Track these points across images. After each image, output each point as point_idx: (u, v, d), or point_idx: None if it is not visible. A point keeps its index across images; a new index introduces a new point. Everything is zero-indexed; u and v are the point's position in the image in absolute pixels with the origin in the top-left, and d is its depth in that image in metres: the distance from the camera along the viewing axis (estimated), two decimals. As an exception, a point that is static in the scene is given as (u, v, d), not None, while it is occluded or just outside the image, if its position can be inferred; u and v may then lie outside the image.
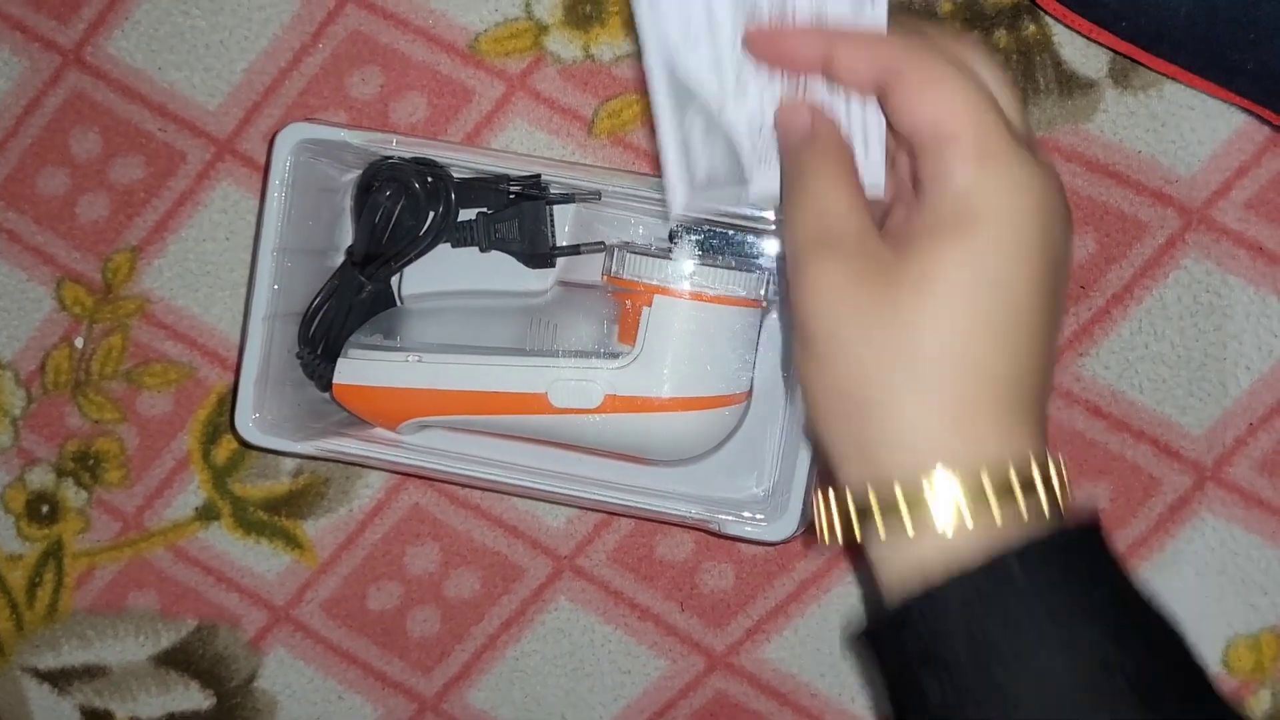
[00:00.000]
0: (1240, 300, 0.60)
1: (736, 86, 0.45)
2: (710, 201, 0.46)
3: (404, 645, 0.67)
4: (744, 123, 0.45)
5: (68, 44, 0.66)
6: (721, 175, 0.46)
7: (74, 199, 0.67)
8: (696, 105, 0.45)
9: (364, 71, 0.64)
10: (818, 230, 0.42)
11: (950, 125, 0.40)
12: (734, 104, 0.45)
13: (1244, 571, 0.61)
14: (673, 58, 0.44)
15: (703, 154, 0.45)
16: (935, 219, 0.40)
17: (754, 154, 0.46)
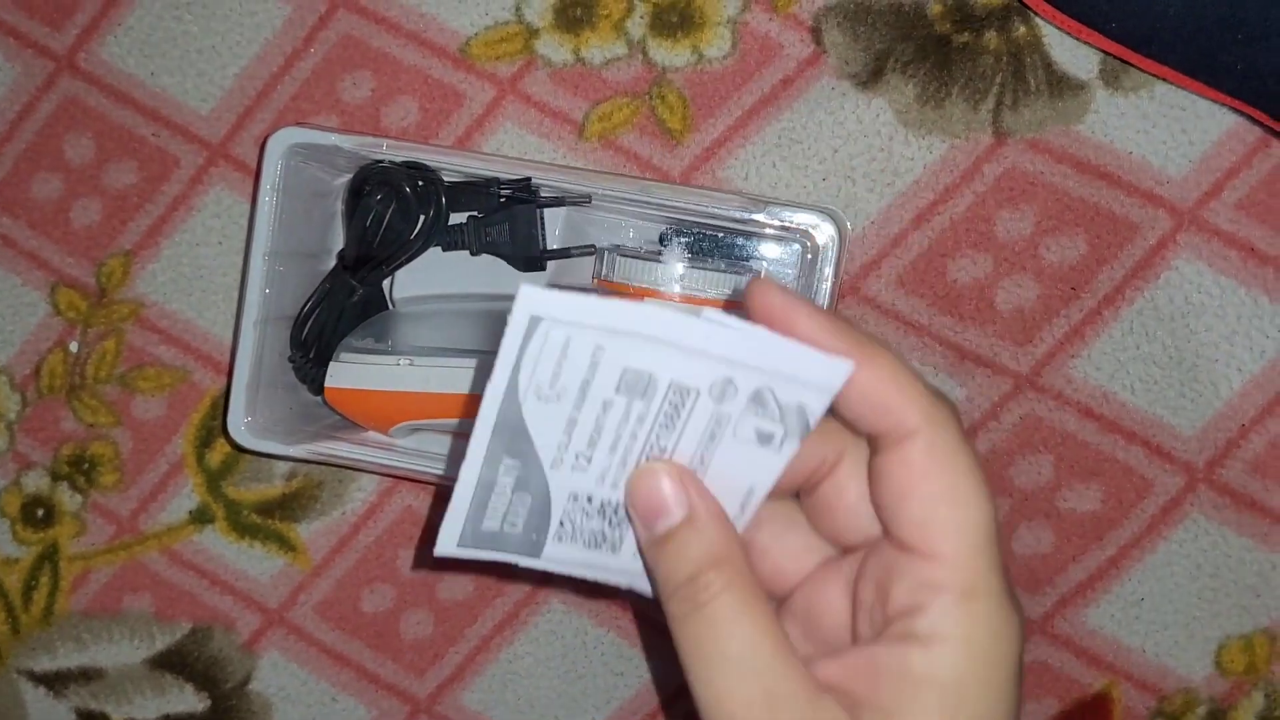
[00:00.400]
0: (1232, 301, 0.60)
1: (581, 454, 0.37)
2: (483, 553, 0.38)
3: (397, 647, 0.67)
4: (567, 490, 0.37)
5: (61, 50, 0.66)
6: (513, 537, 0.38)
7: (68, 204, 0.67)
8: (523, 453, 0.37)
9: (355, 76, 0.64)
10: (754, 697, 0.34)
11: (939, 543, 0.34)
12: (570, 468, 0.37)
13: (1236, 573, 0.61)
14: (523, 399, 0.35)
15: (501, 505, 0.37)
16: (904, 679, 0.34)
17: (564, 528, 0.38)
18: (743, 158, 0.62)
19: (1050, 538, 0.62)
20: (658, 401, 0.36)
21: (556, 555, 0.38)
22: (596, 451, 0.36)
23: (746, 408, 0.36)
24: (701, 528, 0.35)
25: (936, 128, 0.61)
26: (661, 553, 0.36)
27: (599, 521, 0.38)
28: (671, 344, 0.35)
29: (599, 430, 0.36)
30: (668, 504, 0.36)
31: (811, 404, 0.36)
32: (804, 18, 0.61)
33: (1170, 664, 0.62)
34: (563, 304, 0.34)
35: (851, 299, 0.62)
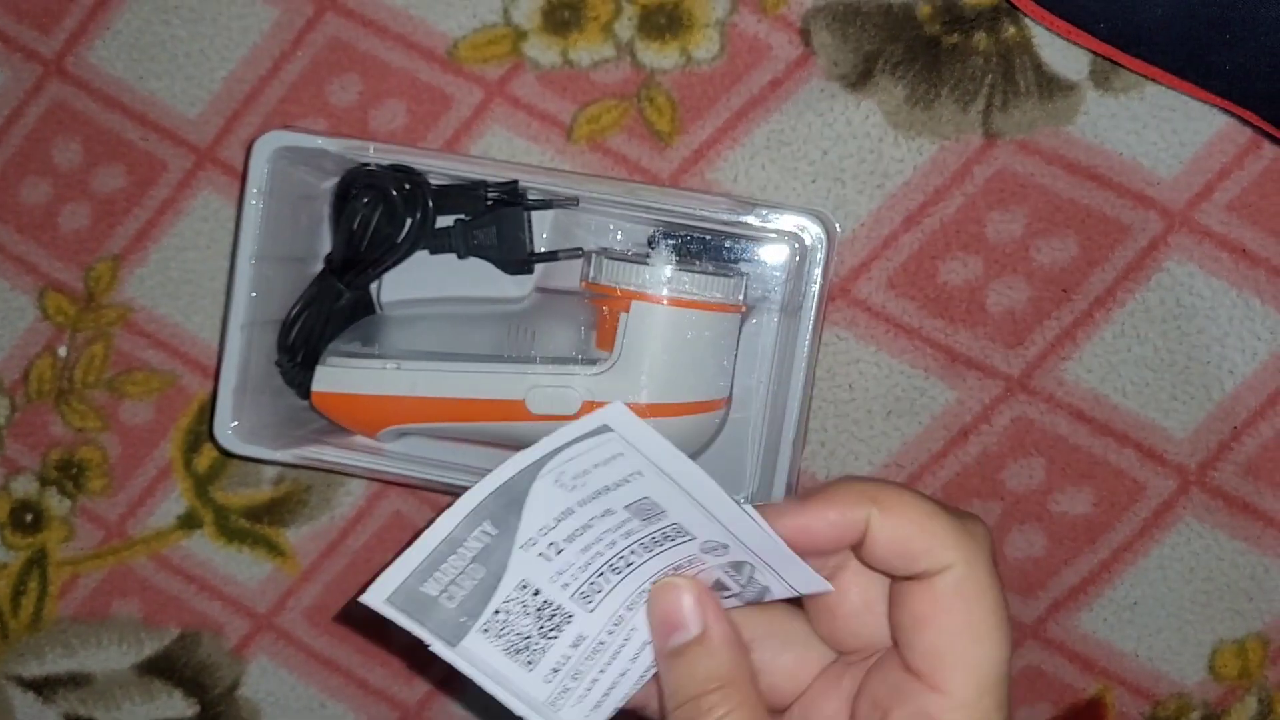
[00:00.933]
0: (1223, 303, 0.59)
1: (556, 544, 0.37)
2: (404, 620, 0.36)
3: (386, 653, 0.67)
4: (522, 575, 0.37)
5: (49, 54, 0.66)
6: (443, 611, 0.37)
7: (56, 209, 0.67)
8: (505, 524, 0.36)
9: (343, 79, 0.64)
10: None
11: (949, 678, 0.35)
12: (537, 553, 0.37)
13: (1229, 577, 0.61)
14: (541, 476, 0.35)
15: (452, 570, 0.36)
16: None
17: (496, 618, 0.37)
18: (732, 160, 0.61)
19: (1042, 541, 0.62)
20: (654, 527, 0.36)
21: (474, 650, 0.37)
22: (571, 546, 0.36)
23: (723, 565, 0.37)
24: (713, 649, 0.36)
25: (926, 129, 0.60)
26: (672, 666, 0.36)
27: (532, 623, 0.37)
28: (702, 505, 0.35)
29: (585, 529, 0.36)
30: (685, 620, 0.36)
31: (774, 591, 0.37)
32: (793, 19, 0.60)
33: (1164, 668, 0.62)
34: (638, 433, 0.34)
35: (841, 301, 0.61)
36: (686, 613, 0.37)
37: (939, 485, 0.62)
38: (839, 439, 0.62)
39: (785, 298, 0.59)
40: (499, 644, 0.37)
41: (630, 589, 0.38)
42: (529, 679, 0.37)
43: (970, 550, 0.35)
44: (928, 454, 0.62)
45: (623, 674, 0.39)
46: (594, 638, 0.38)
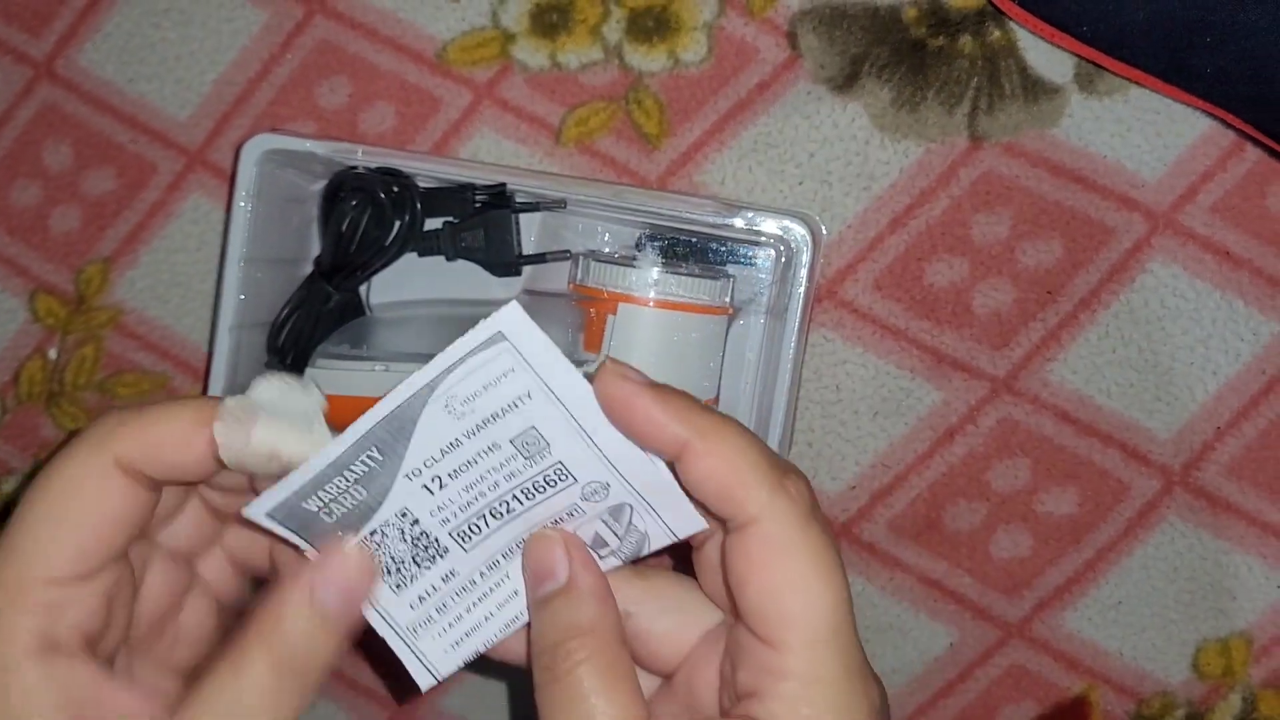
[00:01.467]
0: (1207, 305, 0.60)
1: (440, 477, 0.37)
2: (283, 531, 0.38)
3: (374, 651, 0.67)
4: (402, 503, 0.37)
5: (39, 56, 0.66)
6: (321, 526, 0.37)
7: (47, 211, 0.67)
8: (392, 451, 0.37)
9: (332, 81, 0.64)
10: None
11: (779, 631, 0.35)
12: (421, 485, 0.37)
13: (1213, 576, 0.61)
14: (432, 401, 0.36)
15: (334, 490, 0.37)
16: None
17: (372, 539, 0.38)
18: (719, 162, 0.62)
19: (1028, 541, 0.62)
20: (536, 469, 0.37)
21: None
22: (455, 483, 0.37)
23: (602, 513, 0.37)
24: (577, 598, 0.36)
25: (912, 132, 0.61)
26: (539, 615, 0.37)
27: (406, 549, 0.38)
28: (585, 432, 0.36)
29: (471, 464, 0.37)
30: (555, 569, 0.37)
31: (653, 539, 0.37)
32: (779, 22, 0.61)
33: (1148, 667, 0.62)
34: (531, 338, 0.35)
35: (828, 303, 0.62)
36: (557, 561, 0.37)
37: (925, 486, 0.62)
38: (826, 439, 0.63)
39: (772, 300, 0.59)
40: None
41: (507, 537, 0.38)
42: (394, 601, 0.38)
43: (780, 504, 0.35)
44: (914, 454, 0.62)
45: (487, 618, 0.39)
46: (465, 575, 0.38)
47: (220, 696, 0.36)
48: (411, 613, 0.39)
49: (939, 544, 0.62)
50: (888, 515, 0.63)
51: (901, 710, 0.64)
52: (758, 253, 0.60)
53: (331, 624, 0.37)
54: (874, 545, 0.63)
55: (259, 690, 0.35)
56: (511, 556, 0.38)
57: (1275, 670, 0.61)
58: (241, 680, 0.35)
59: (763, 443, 0.36)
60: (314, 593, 0.36)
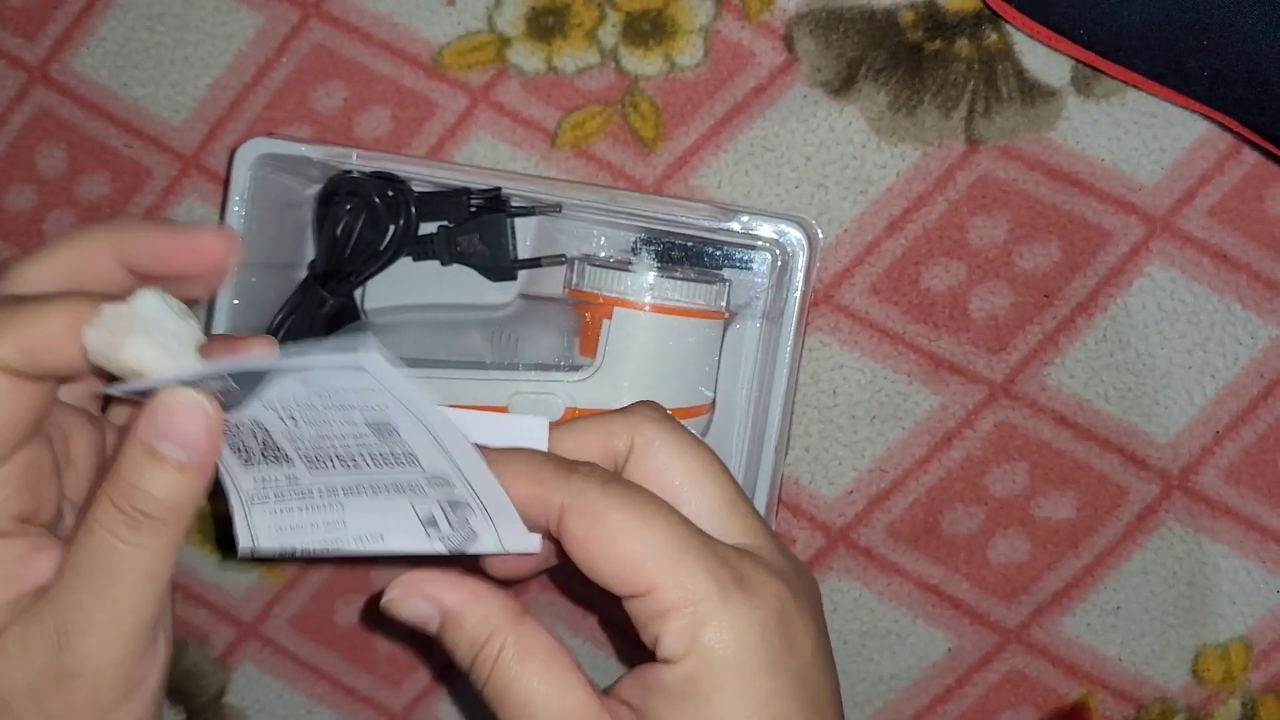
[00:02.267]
0: (1205, 308, 0.60)
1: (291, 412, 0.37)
2: None
3: (372, 659, 0.67)
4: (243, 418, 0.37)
5: (34, 61, 0.66)
6: None
7: (41, 215, 0.67)
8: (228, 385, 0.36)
9: (328, 86, 0.64)
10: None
11: (639, 579, 0.37)
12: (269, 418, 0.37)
13: (1212, 581, 0.61)
14: None
15: None
16: (659, 694, 0.38)
17: None
18: (715, 166, 0.62)
19: (1026, 546, 0.62)
20: (386, 449, 0.38)
21: None
22: (307, 428, 0.37)
23: (441, 500, 0.39)
24: (458, 620, 0.39)
25: (909, 135, 0.60)
26: (445, 646, 0.40)
27: (256, 446, 0.38)
28: (440, 444, 0.37)
29: (325, 423, 0.37)
30: (429, 616, 0.40)
31: (482, 541, 0.39)
32: (776, 26, 0.61)
33: (1147, 673, 0.62)
34: (394, 380, 0.35)
35: (825, 307, 0.61)
36: (424, 612, 0.40)
37: (922, 490, 0.62)
38: (822, 444, 0.62)
39: (768, 304, 0.59)
40: (225, 440, 0.38)
41: (349, 480, 0.39)
42: (243, 471, 0.39)
43: (575, 481, 0.38)
44: (911, 459, 0.62)
45: (313, 526, 0.40)
46: (305, 485, 0.39)
47: (79, 555, 0.37)
48: (253, 486, 0.40)
49: (936, 549, 0.62)
50: (885, 520, 0.62)
51: (899, 715, 0.64)
52: (754, 257, 0.59)
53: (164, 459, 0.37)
54: (871, 550, 0.63)
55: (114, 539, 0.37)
56: (350, 495, 0.39)
57: (1275, 675, 0.61)
58: (93, 535, 0.37)
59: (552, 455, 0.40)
60: (138, 433, 0.36)
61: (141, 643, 0.38)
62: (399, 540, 0.40)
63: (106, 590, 0.37)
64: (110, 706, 0.38)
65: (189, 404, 0.36)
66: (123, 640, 0.37)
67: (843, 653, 0.63)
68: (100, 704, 0.38)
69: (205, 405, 0.36)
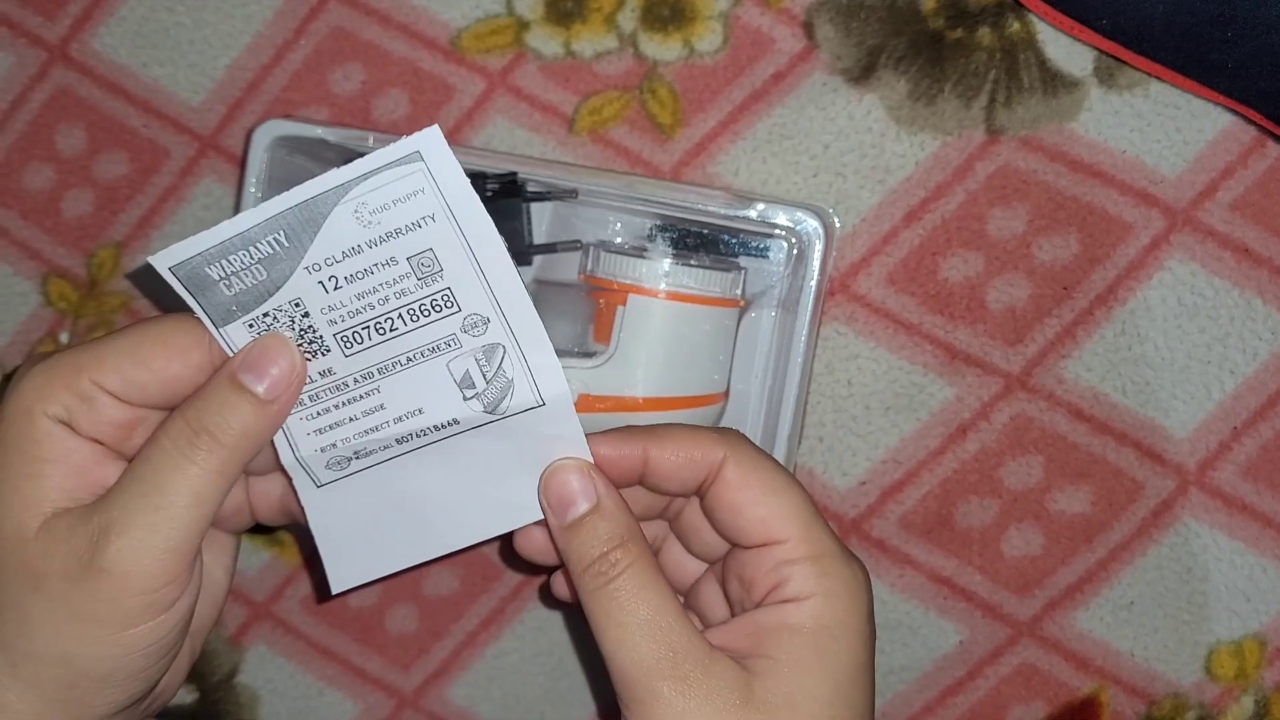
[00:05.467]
0: (1225, 303, 0.59)
1: (338, 278, 0.40)
2: (179, 287, 0.41)
3: (383, 642, 0.67)
4: (297, 293, 0.41)
5: (53, 40, 0.66)
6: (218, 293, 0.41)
7: (59, 194, 0.67)
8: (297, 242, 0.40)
9: (346, 68, 0.64)
10: (655, 657, 0.40)
11: (780, 529, 0.42)
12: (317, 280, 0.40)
13: (1227, 578, 0.60)
14: (343, 202, 0.39)
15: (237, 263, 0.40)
16: (782, 631, 0.41)
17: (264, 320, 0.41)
18: (733, 153, 0.61)
19: (1040, 540, 0.61)
20: (426, 291, 0.40)
21: (234, 336, 0.41)
22: (349, 287, 0.40)
23: (476, 350, 0.40)
24: (608, 515, 0.42)
25: (929, 124, 0.60)
26: (573, 537, 0.42)
27: (293, 337, 0.41)
28: (477, 263, 0.39)
29: (367, 273, 0.40)
30: (576, 497, 0.42)
31: (518, 392, 0.40)
32: (796, 12, 0.60)
33: (1160, 668, 0.62)
34: (446, 164, 0.38)
35: (841, 297, 0.61)
36: (576, 489, 0.42)
37: (936, 482, 0.62)
38: (836, 434, 0.62)
39: (784, 293, 0.59)
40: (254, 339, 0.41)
41: (385, 355, 0.41)
42: None
43: (733, 439, 0.43)
44: (926, 451, 0.62)
45: (351, 419, 0.42)
46: (340, 377, 0.41)
47: (138, 462, 0.40)
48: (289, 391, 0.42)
49: (950, 541, 0.62)
50: (898, 512, 0.62)
51: (909, 707, 0.63)
52: (770, 245, 0.59)
53: (244, 390, 0.41)
54: (884, 542, 0.62)
55: (174, 451, 0.40)
56: (384, 375, 0.41)
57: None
58: (156, 445, 0.40)
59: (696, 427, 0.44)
60: (228, 365, 0.41)
61: (173, 564, 0.40)
62: (437, 410, 0.40)
63: (152, 497, 0.39)
64: (131, 616, 0.40)
65: (279, 346, 0.40)
66: (155, 553, 0.39)
67: (854, 643, 0.63)
68: (120, 609, 0.39)
69: (294, 354, 0.41)
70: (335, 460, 0.42)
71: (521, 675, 0.66)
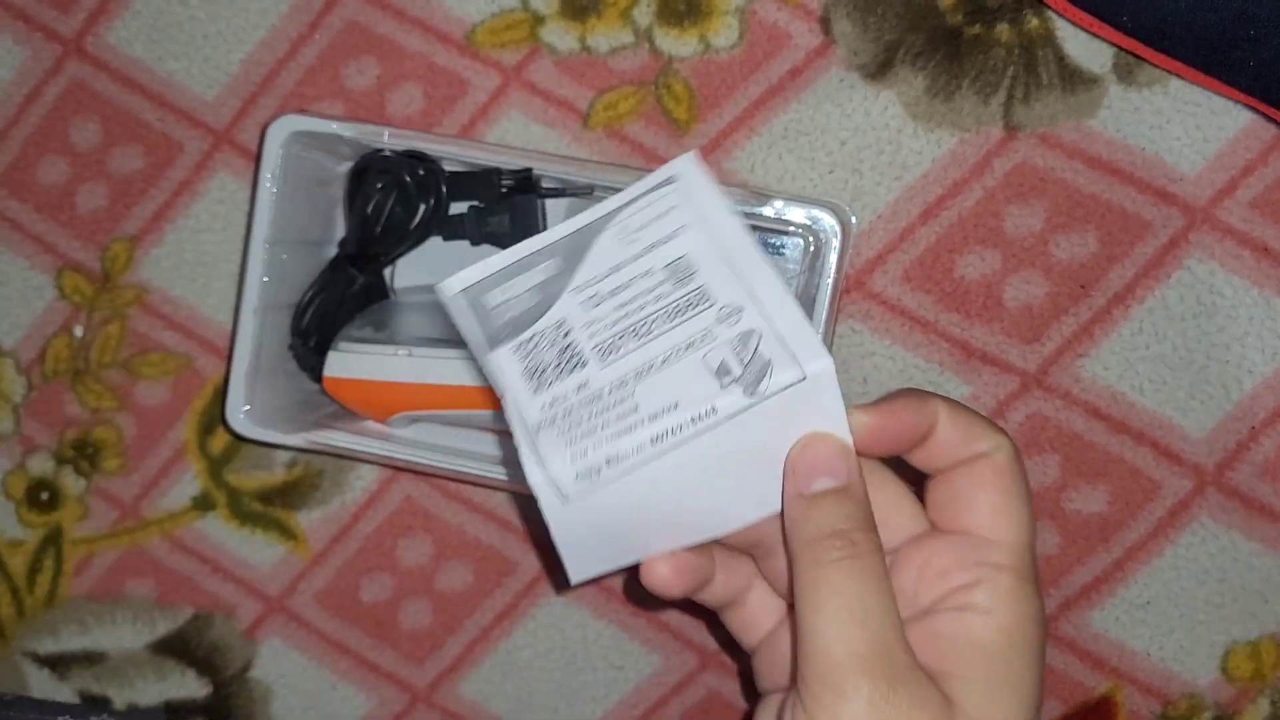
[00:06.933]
0: (1244, 302, 0.59)
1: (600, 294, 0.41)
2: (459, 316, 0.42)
3: (396, 636, 0.67)
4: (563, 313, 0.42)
5: (69, 33, 0.66)
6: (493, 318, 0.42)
7: (74, 188, 0.67)
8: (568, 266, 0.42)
9: (360, 62, 0.63)
10: (869, 649, 0.37)
11: (1005, 529, 0.40)
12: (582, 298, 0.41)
13: (1244, 578, 0.60)
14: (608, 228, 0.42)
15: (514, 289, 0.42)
16: (972, 648, 0.39)
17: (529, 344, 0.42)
18: (749, 149, 0.61)
19: (1056, 539, 0.61)
20: (681, 292, 0.40)
21: (500, 361, 0.41)
22: (610, 300, 0.41)
23: (732, 339, 0.40)
24: (858, 498, 0.39)
25: (946, 121, 0.60)
26: (813, 507, 0.39)
27: (553, 356, 0.41)
28: (730, 260, 0.40)
29: (626, 286, 0.41)
30: (835, 468, 0.39)
31: (776, 370, 0.38)
32: (813, 7, 0.60)
33: (1176, 669, 0.61)
34: (699, 180, 0.41)
35: (857, 293, 0.61)
36: (837, 462, 0.39)
37: (952, 481, 0.61)
38: (852, 432, 0.62)
39: (800, 289, 0.58)
40: (520, 364, 0.41)
41: (640, 359, 0.41)
42: (531, 399, 0.41)
43: (1005, 440, 0.41)
44: (941, 449, 0.61)
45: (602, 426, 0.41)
46: (594, 388, 0.41)
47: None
48: (541, 412, 0.41)
49: (965, 540, 0.62)
50: (913, 509, 0.62)
51: (923, 706, 0.63)
52: (786, 242, 0.59)
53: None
54: (899, 539, 0.62)
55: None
56: (639, 379, 0.41)
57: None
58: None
59: None
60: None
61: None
62: (693, 402, 0.40)
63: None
64: None
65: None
66: None
67: (867, 641, 0.63)
68: None
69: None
70: (586, 470, 0.41)
71: (534, 671, 0.66)
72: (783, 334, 0.39)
